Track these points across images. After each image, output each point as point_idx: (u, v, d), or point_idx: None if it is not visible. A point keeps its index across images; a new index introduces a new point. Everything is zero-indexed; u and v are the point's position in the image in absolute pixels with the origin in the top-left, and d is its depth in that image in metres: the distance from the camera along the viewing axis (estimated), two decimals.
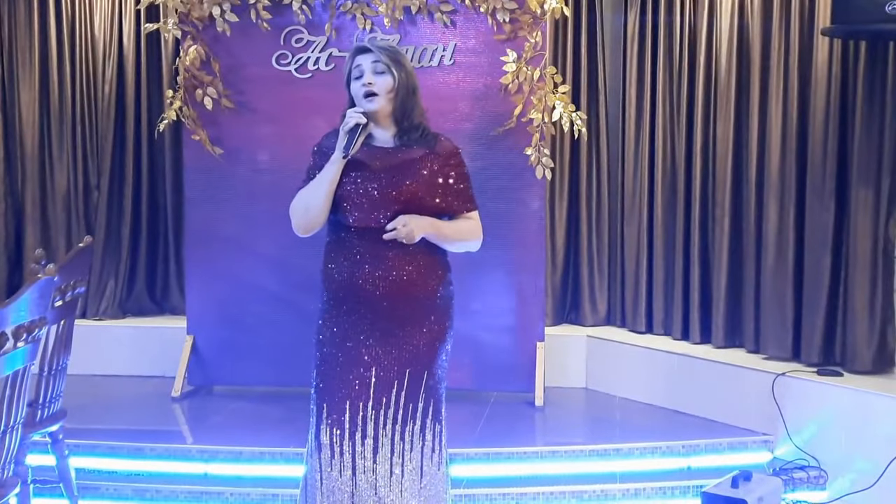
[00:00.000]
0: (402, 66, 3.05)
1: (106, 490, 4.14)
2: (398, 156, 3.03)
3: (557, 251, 5.63)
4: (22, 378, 2.91)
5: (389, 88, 3.02)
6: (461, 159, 3.11)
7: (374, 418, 3.00)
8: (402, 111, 3.05)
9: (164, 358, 5.38)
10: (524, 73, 4.84)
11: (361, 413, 2.99)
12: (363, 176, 3.00)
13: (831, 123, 4.58)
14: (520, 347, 5.03)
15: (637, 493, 4.15)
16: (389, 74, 3.01)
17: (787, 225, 4.75)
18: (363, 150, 3.01)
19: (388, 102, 3.03)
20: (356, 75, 3.04)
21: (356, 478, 3.00)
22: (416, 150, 3.04)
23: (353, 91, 3.05)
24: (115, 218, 5.87)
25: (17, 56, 5.79)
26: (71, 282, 3.64)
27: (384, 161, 3.02)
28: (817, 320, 4.64)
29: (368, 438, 3.00)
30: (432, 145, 3.06)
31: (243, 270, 5.11)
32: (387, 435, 3.01)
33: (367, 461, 3.00)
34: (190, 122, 5.02)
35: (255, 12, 4.93)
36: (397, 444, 3.02)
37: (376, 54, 3.02)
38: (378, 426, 3.00)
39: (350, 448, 2.99)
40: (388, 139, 3.07)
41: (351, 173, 3.00)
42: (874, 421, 4.17)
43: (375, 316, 3.01)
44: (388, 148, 3.05)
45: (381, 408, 3.00)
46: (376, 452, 3.00)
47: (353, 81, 3.04)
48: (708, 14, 5.06)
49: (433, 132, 3.11)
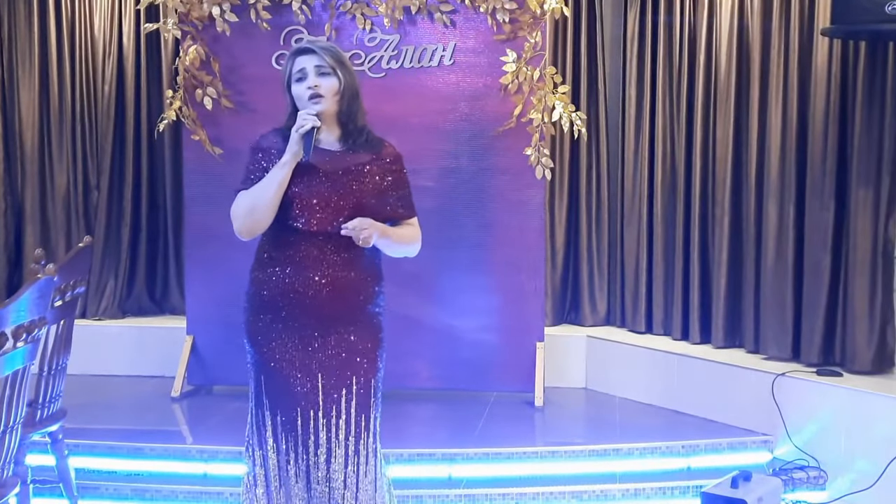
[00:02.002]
0: (346, 67, 3.01)
1: (106, 490, 4.14)
2: (346, 159, 3.00)
3: (557, 251, 5.63)
4: (22, 378, 2.91)
5: (335, 91, 2.97)
6: (403, 165, 3.08)
7: (326, 426, 2.96)
8: (347, 113, 3.00)
9: (164, 358, 5.39)
10: (524, 73, 4.84)
11: (312, 422, 2.96)
12: (312, 179, 2.95)
13: (831, 123, 4.58)
14: (520, 347, 5.03)
15: (637, 494, 4.15)
16: (335, 76, 2.96)
17: (786, 225, 4.75)
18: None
19: (333, 104, 2.98)
20: (298, 77, 2.98)
21: (310, 486, 2.97)
22: (363, 154, 3.01)
23: (296, 93, 2.98)
24: (115, 218, 5.87)
25: (17, 56, 5.80)
26: (71, 282, 3.64)
27: (333, 164, 2.98)
28: (817, 320, 4.64)
29: (321, 447, 2.96)
30: (378, 150, 3.04)
31: (243, 270, 5.06)
32: (339, 445, 2.97)
33: (320, 471, 2.96)
34: (190, 122, 5.03)
35: (255, 12, 4.93)
36: (352, 457, 2.98)
37: (320, 56, 2.96)
38: (330, 435, 2.96)
39: (304, 455, 2.97)
40: (333, 142, 3.03)
41: (298, 176, 2.94)
42: (874, 421, 4.17)
43: (318, 321, 2.97)
44: (336, 151, 3.01)
45: (332, 416, 2.96)
46: (329, 463, 2.96)
47: (295, 84, 2.99)
48: (708, 14, 5.06)
49: (377, 136, 3.08)
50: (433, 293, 5.03)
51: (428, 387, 5.07)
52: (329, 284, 2.96)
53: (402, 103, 4.92)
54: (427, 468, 4.21)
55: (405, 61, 4.96)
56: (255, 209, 2.95)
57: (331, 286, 2.96)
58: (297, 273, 2.96)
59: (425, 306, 5.01)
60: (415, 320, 4.92)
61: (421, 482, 4.10)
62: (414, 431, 4.59)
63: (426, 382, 5.06)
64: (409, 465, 4.14)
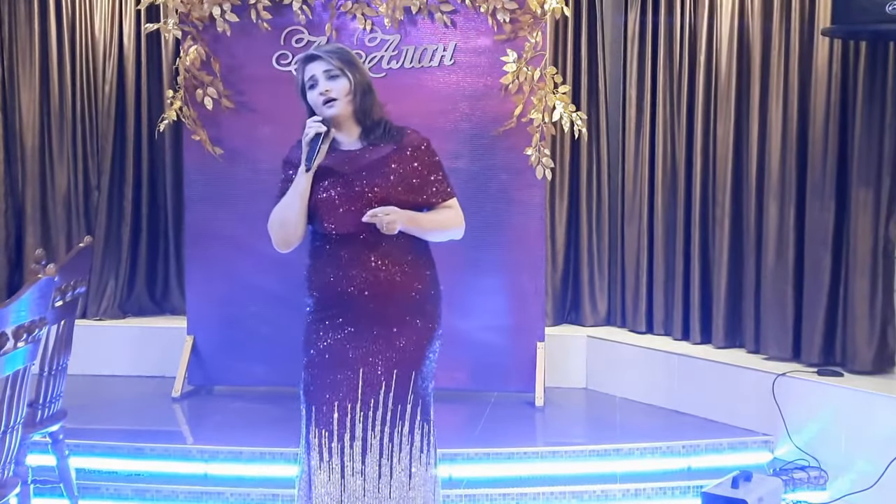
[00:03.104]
0: (355, 65, 3.03)
1: (106, 490, 4.14)
2: (366, 157, 3.01)
3: (557, 251, 5.63)
4: (22, 378, 2.91)
5: (347, 91, 2.99)
6: (431, 149, 3.08)
7: (363, 419, 2.98)
8: (362, 111, 3.03)
9: (164, 358, 5.39)
10: (524, 74, 4.84)
11: (349, 415, 2.98)
12: (334, 182, 2.99)
13: (831, 123, 4.58)
14: (520, 347, 5.03)
15: (637, 494, 4.15)
16: (344, 77, 2.99)
17: (787, 225, 4.75)
18: (331, 156, 2.99)
19: (347, 105, 3.00)
20: (310, 85, 3.02)
21: (345, 480, 2.98)
22: (383, 147, 3.02)
23: (311, 100, 3.02)
24: (115, 218, 5.88)
25: (17, 56, 5.80)
26: (71, 282, 3.64)
27: (353, 164, 3.00)
28: (817, 320, 4.64)
29: (357, 440, 2.98)
30: (399, 140, 3.05)
31: (243, 270, 5.11)
32: (375, 436, 2.99)
33: (355, 463, 2.98)
34: (190, 122, 5.03)
35: (255, 12, 4.93)
36: (386, 446, 3.00)
37: (327, 61, 2.99)
38: (366, 428, 2.99)
39: (339, 449, 2.98)
40: (355, 141, 3.05)
41: (322, 182, 2.99)
42: (874, 421, 4.17)
43: (362, 318, 3.00)
44: (356, 150, 3.03)
45: (369, 409, 2.99)
46: (365, 454, 2.98)
47: (309, 91, 3.03)
48: (708, 14, 5.06)
49: (397, 126, 3.09)
50: None
51: None
52: (370, 282, 2.98)
53: (403, 103, 4.88)
54: None
55: (405, 61, 4.97)
56: (286, 222, 3.02)
57: (372, 283, 2.98)
58: (340, 273, 2.99)
59: None
60: None
61: None
62: None
63: None
64: None
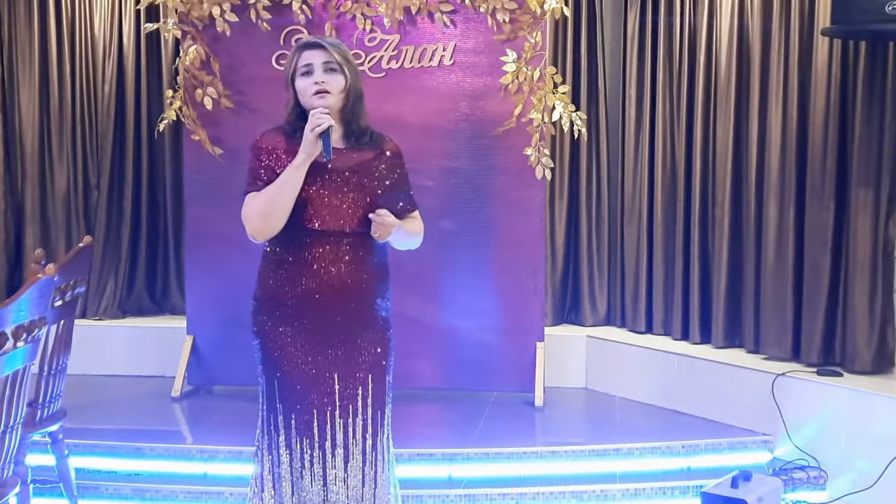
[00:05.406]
0: (353, 65, 2.98)
1: (106, 490, 4.14)
2: (353, 157, 2.98)
3: (557, 251, 5.63)
4: (22, 378, 2.91)
5: (342, 88, 2.93)
6: (403, 159, 3.08)
7: (343, 427, 2.96)
8: (351, 112, 2.98)
9: (164, 358, 5.39)
10: (524, 73, 4.84)
11: (329, 423, 2.95)
12: (325, 179, 2.92)
13: (831, 123, 4.58)
14: (520, 347, 5.03)
15: (637, 493, 4.15)
16: (342, 73, 2.93)
17: (786, 225, 4.75)
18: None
19: (339, 101, 2.94)
20: (304, 71, 2.93)
21: (327, 488, 2.96)
22: (367, 151, 3.00)
23: (300, 87, 2.93)
24: (115, 218, 5.88)
25: (17, 56, 5.80)
26: (71, 282, 3.64)
27: (342, 162, 2.95)
28: (817, 320, 4.64)
29: (339, 448, 2.95)
30: (380, 145, 3.03)
31: (243, 270, 5.07)
32: (357, 444, 2.96)
33: (338, 471, 2.95)
34: (190, 122, 5.03)
35: (255, 12, 4.93)
36: (369, 454, 2.97)
37: (329, 52, 2.91)
38: (347, 436, 2.95)
39: (320, 457, 2.95)
40: (338, 139, 2.99)
41: (311, 176, 2.89)
42: (874, 421, 4.17)
43: (333, 322, 2.95)
44: (341, 149, 2.98)
45: (349, 416, 2.96)
46: (347, 462, 2.96)
47: (300, 78, 2.94)
48: (708, 14, 5.06)
49: (378, 133, 3.07)
50: (433, 293, 5.03)
51: (428, 387, 5.06)
52: (343, 284, 2.94)
53: (403, 103, 4.92)
54: (427, 468, 4.21)
55: (405, 61, 4.97)
56: (271, 212, 2.88)
57: (344, 286, 2.94)
58: (312, 274, 2.93)
59: (425, 306, 5.01)
60: (415, 320, 4.91)
61: (421, 482, 4.10)
62: (414, 431, 4.58)
63: (426, 382, 5.05)
64: (409, 465, 4.13)
